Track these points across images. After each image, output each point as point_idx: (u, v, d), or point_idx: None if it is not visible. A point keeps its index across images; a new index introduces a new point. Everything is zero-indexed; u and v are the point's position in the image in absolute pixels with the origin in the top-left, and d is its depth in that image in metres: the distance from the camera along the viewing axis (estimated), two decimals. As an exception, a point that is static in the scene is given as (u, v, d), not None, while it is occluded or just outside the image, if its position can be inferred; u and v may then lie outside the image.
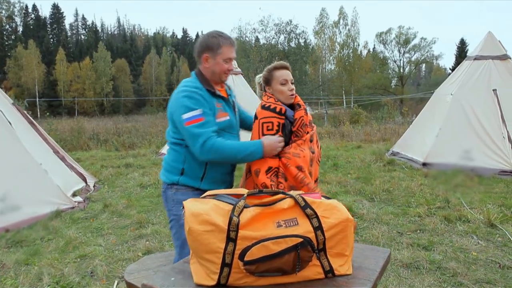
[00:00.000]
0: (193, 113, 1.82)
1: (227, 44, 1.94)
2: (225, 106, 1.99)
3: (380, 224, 4.02)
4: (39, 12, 54.11)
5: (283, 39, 30.87)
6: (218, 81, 1.99)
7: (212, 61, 1.93)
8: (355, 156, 8.44)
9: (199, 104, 1.85)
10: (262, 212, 1.25)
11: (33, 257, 3.50)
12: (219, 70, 1.94)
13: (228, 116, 1.97)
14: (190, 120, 1.82)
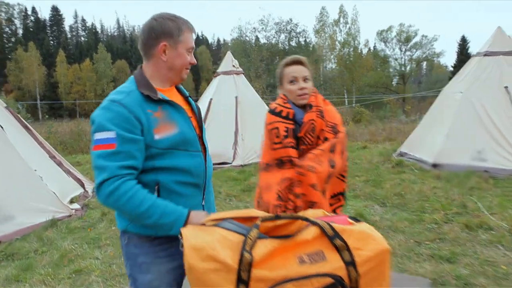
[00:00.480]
0: (103, 135, 1.29)
1: (187, 28, 1.45)
2: (172, 114, 1.40)
3: (395, 232, 3.76)
4: (38, 14, 54.04)
5: (284, 38, 30.63)
6: (175, 80, 1.49)
7: (172, 52, 1.41)
8: (362, 157, 8.18)
9: (115, 122, 1.28)
10: (281, 246, 1.01)
11: (25, 273, 3.26)
12: (181, 63, 1.44)
13: (175, 128, 1.37)
14: (98, 143, 1.29)
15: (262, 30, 30.58)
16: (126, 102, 1.32)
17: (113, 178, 1.25)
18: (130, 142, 1.29)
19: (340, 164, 1.82)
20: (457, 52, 39.47)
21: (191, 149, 1.42)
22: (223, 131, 8.33)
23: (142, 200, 1.26)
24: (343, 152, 1.85)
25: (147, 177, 1.35)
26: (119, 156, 1.27)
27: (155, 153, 1.35)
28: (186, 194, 1.41)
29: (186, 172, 1.40)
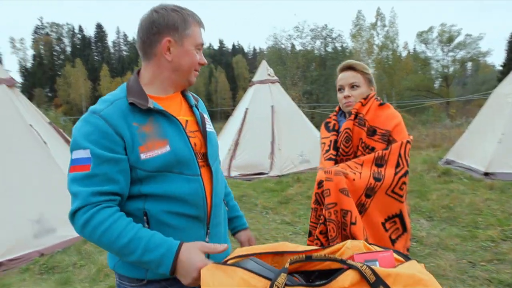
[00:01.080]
0: (77, 154, 1.08)
1: (195, 21, 1.20)
2: (165, 128, 1.15)
3: (445, 250, 3.46)
4: (84, 32, 57.25)
5: (320, 44, 30.28)
6: (182, 83, 1.25)
7: (177, 49, 1.17)
8: (404, 166, 7.77)
9: (92, 138, 1.07)
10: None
11: (63, 287, 3.30)
12: (189, 63, 1.20)
13: (166, 146, 1.12)
14: (72, 164, 1.09)
15: (297, 37, 30.43)
16: (107, 113, 1.09)
17: (86, 206, 1.04)
18: (108, 162, 1.06)
19: (390, 179, 1.62)
20: (506, 50, 37.24)
21: (186, 172, 1.15)
22: (259, 141, 8.24)
23: (122, 231, 1.03)
24: (401, 165, 1.63)
25: (134, 205, 1.13)
26: (94, 180, 1.06)
27: (142, 176, 1.11)
28: (181, 227, 1.15)
29: (180, 200, 1.14)
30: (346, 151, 1.77)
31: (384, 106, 1.79)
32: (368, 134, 1.74)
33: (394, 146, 1.66)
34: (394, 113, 1.77)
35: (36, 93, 43.12)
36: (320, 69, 29.22)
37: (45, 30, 54.40)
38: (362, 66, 1.82)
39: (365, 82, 1.81)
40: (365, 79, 1.82)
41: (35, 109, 5.40)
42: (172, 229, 1.13)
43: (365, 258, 1.04)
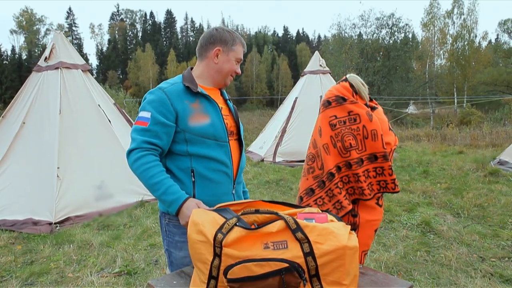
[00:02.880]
0: (142, 114, 1.54)
1: (240, 42, 1.67)
2: (207, 108, 1.60)
3: (459, 244, 3.55)
4: (155, 18, 60.39)
5: (385, 34, 29.05)
6: (220, 83, 1.70)
7: (223, 57, 1.64)
8: (452, 163, 7.58)
9: (154, 105, 1.52)
10: (250, 234, 1.22)
11: (114, 241, 3.96)
12: (228, 69, 1.65)
13: (208, 119, 1.57)
14: (137, 120, 1.55)
15: (362, 26, 29.50)
16: (169, 90, 1.55)
17: (138, 149, 1.48)
18: (160, 124, 1.50)
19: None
20: None
21: (219, 140, 1.59)
22: (305, 129, 8.45)
23: (155, 174, 1.46)
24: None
25: (183, 164, 1.56)
26: (148, 133, 1.50)
27: (188, 138, 1.54)
28: (218, 180, 1.59)
29: (215, 159, 1.57)
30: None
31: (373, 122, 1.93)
32: None
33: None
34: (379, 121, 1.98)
35: (109, 75, 46.81)
36: (384, 59, 28.14)
37: (121, 17, 58.47)
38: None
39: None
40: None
41: (103, 91, 6.19)
42: (211, 182, 1.58)
43: (305, 216, 1.37)
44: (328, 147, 1.91)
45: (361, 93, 1.95)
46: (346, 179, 1.91)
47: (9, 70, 41.90)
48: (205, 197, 1.55)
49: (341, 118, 1.89)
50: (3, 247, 3.97)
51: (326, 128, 1.92)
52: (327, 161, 1.90)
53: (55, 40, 5.68)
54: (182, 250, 1.60)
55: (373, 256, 3.34)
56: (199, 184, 1.57)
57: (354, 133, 1.87)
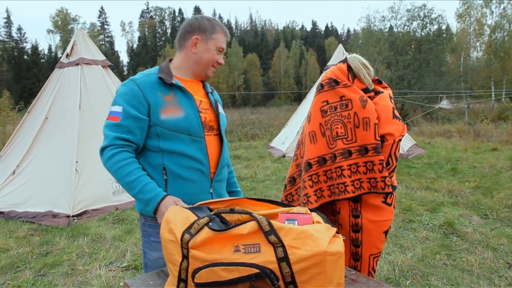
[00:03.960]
0: (114, 108, 1.46)
1: (221, 30, 1.56)
2: (182, 100, 1.49)
3: (484, 248, 3.30)
4: (184, 15, 61.18)
5: (416, 26, 27.95)
6: (201, 74, 1.59)
7: (202, 46, 1.53)
8: (483, 161, 7.15)
9: (126, 98, 1.44)
10: (219, 235, 1.12)
11: (126, 235, 3.98)
12: (208, 59, 1.54)
13: (181, 112, 1.47)
14: (109, 115, 1.47)
15: (392, 18, 28.52)
16: (141, 82, 1.46)
17: (111, 146, 1.41)
18: (132, 118, 1.42)
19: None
20: None
21: (194, 135, 1.49)
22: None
23: (130, 172, 1.39)
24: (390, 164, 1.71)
25: (155, 160, 1.48)
26: (120, 128, 1.42)
27: (160, 133, 1.45)
28: (191, 178, 1.49)
29: (189, 156, 1.48)
30: None
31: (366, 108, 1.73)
32: None
33: (385, 145, 1.67)
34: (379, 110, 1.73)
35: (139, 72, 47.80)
36: (415, 52, 27.10)
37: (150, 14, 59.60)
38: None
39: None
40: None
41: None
42: (184, 180, 1.49)
43: (287, 217, 1.26)
44: (315, 136, 1.74)
45: (360, 75, 1.74)
46: (330, 174, 1.74)
47: (46, 68, 43.78)
48: (178, 196, 1.46)
49: (333, 104, 1.70)
50: (23, 238, 4.08)
51: (316, 114, 1.76)
52: (309, 150, 1.74)
53: (76, 37, 5.78)
54: (156, 251, 1.53)
55: (388, 258, 3.16)
56: (171, 182, 1.48)
57: (345, 120, 1.66)
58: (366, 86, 1.74)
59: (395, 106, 1.78)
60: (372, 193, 1.69)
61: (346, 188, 1.68)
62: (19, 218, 4.67)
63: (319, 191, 1.76)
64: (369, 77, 1.78)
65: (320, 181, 1.75)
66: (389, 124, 1.71)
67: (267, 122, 19.18)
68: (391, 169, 1.71)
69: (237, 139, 12.96)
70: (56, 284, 3.06)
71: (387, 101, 1.74)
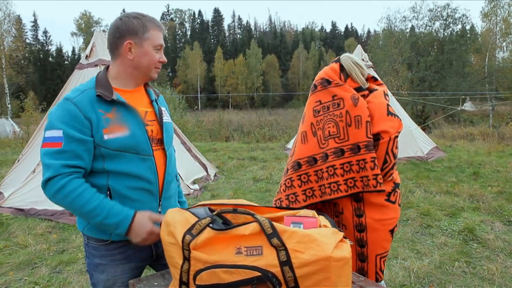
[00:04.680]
0: (51, 133, 1.29)
1: (154, 26, 1.39)
2: (126, 117, 1.35)
3: (506, 256, 3.16)
4: (203, 17, 61.81)
5: (439, 26, 27.31)
6: (144, 78, 1.45)
7: (137, 50, 1.36)
8: (508, 165, 6.89)
9: (64, 120, 1.28)
10: (221, 236, 1.09)
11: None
12: (148, 61, 1.39)
13: (126, 131, 1.33)
14: (46, 141, 1.30)
15: (413, 18, 27.97)
16: (78, 100, 1.30)
17: (58, 176, 1.25)
18: (76, 142, 1.28)
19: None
20: None
21: (141, 153, 1.37)
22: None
23: (89, 199, 1.27)
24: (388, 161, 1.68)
25: (99, 181, 1.35)
26: (64, 155, 1.27)
27: (105, 154, 1.32)
28: (138, 199, 1.38)
29: (136, 177, 1.37)
30: None
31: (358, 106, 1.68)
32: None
33: (381, 143, 1.65)
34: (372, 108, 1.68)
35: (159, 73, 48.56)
36: (438, 53, 26.48)
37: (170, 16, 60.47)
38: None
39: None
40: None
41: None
42: (130, 201, 1.37)
43: (292, 220, 1.23)
44: (306, 135, 1.74)
45: (352, 74, 1.73)
46: (321, 174, 1.71)
47: (69, 70, 44.93)
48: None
49: (325, 104, 1.71)
50: (41, 235, 4.17)
51: (309, 114, 1.77)
52: (300, 149, 1.74)
53: (95, 39, 5.89)
54: (104, 273, 1.43)
55: (403, 264, 3.07)
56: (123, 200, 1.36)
57: (337, 119, 1.65)
58: (359, 85, 1.73)
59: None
60: (373, 192, 1.67)
61: (339, 187, 1.67)
62: (38, 216, 4.79)
63: (310, 191, 1.75)
64: (362, 76, 1.78)
65: (310, 181, 1.75)
66: (383, 121, 1.68)
67: (285, 124, 19.15)
68: (389, 167, 1.69)
69: (255, 141, 12.96)
70: (70, 281, 3.11)
71: (381, 99, 1.71)
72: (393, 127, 1.66)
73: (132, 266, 1.46)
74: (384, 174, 1.68)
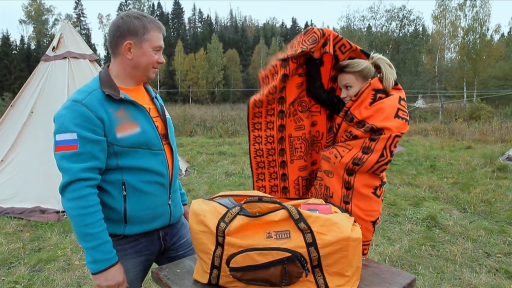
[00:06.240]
0: (64, 137, 1.29)
1: (155, 27, 1.41)
2: (135, 114, 1.40)
3: (465, 240, 3.53)
4: (163, 9, 60.29)
5: (395, 26, 28.67)
6: (142, 78, 1.47)
7: (136, 50, 1.39)
8: (460, 158, 7.51)
9: (76, 122, 1.29)
10: (253, 222, 1.22)
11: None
12: (147, 62, 1.41)
13: (137, 127, 1.38)
14: (60, 144, 1.29)
15: (371, 18, 29.13)
16: (87, 102, 1.31)
17: (76, 181, 1.27)
18: (91, 143, 1.30)
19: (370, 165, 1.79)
20: None
21: (154, 148, 1.42)
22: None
23: (92, 223, 1.29)
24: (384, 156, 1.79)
25: (113, 176, 1.37)
26: (81, 157, 1.28)
27: (118, 151, 1.36)
28: (152, 192, 1.44)
29: (150, 171, 1.42)
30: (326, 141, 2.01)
31: (377, 103, 1.83)
32: (358, 126, 1.91)
33: (381, 138, 1.78)
34: (384, 107, 1.82)
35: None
36: (393, 52, 27.82)
37: (129, 7, 58.40)
38: (351, 65, 1.89)
39: (357, 79, 1.89)
40: (357, 76, 1.89)
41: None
42: (144, 194, 1.42)
43: (308, 207, 1.37)
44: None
45: (385, 75, 1.85)
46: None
47: (18, 60, 42.28)
48: (138, 212, 1.42)
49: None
50: (12, 234, 4.03)
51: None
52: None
53: (63, 30, 5.69)
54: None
55: (377, 250, 3.34)
56: (131, 198, 1.40)
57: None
58: (382, 87, 1.85)
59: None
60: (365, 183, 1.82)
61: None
62: (6, 214, 4.60)
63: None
64: (391, 80, 1.87)
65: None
66: (389, 120, 1.84)
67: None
68: (384, 162, 1.82)
69: (218, 136, 12.99)
70: (54, 279, 3.07)
71: (394, 102, 1.86)
72: (396, 127, 1.80)
73: (142, 260, 1.51)
74: (378, 168, 1.85)
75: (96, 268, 1.32)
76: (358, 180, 1.93)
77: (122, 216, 1.40)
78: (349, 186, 1.92)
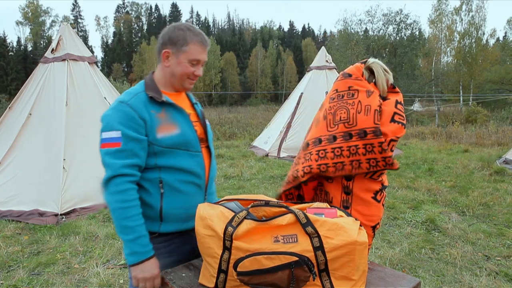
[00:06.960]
0: (111, 134, 1.37)
1: (196, 41, 1.47)
2: (175, 116, 1.47)
3: (464, 243, 3.54)
4: (160, 11, 60.34)
5: (392, 30, 28.84)
6: (178, 87, 1.53)
7: (173, 60, 1.47)
8: (457, 161, 7.55)
9: (121, 121, 1.37)
10: (260, 226, 1.23)
11: (120, 233, 3.99)
12: (181, 72, 1.47)
13: (177, 129, 1.45)
14: (105, 141, 1.38)
15: (368, 21, 29.29)
16: (132, 103, 1.40)
17: (118, 177, 1.34)
18: (134, 141, 1.37)
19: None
20: None
21: (191, 149, 1.48)
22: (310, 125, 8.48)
23: (131, 216, 1.34)
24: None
25: (152, 175, 1.44)
26: (124, 153, 1.35)
27: (157, 151, 1.42)
28: (188, 192, 1.49)
29: (187, 171, 1.47)
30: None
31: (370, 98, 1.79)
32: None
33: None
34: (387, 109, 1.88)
35: (114, 68, 46.89)
36: (390, 56, 27.98)
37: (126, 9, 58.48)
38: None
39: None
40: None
41: (109, 84, 6.20)
42: (181, 193, 1.47)
43: (314, 211, 1.37)
44: (319, 120, 1.89)
45: (378, 81, 1.86)
46: (323, 153, 1.87)
47: (15, 62, 42.10)
48: (173, 210, 1.47)
49: (341, 92, 1.84)
50: (10, 237, 4.01)
51: (325, 102, 1.91)
52: (311, 132, 1.89)
53: (62, 32, 5.68)
54: None
55: (378, 253, 3.34)
56: (167, 196, 1.46)
57: (349, 107, 1.77)
58: (379, 92, 1.87)
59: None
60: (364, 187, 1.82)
61: (344, 167, 1.80)
62: (4, 217, 4.58)
63: (308, 168, 1.89)
64: (385, 85, 1.89)
65: (311, 159, 1.86)
66: (385, 126, 1.86)
67: (245, 121, 19.29)
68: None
69: (216, 138, 13.01)
70: (53, 282, 3.05)
71: (390, 107, 1.87)
72: (392, 131, 1.81)
73: (174, 260, 1.54)
74: (375, 172, 1.86)
75: (133, 260, 1.37)
76: (357, 184, 1.93)
77: (158, 214, 1.46)
78: (348, 191, 1.91)
